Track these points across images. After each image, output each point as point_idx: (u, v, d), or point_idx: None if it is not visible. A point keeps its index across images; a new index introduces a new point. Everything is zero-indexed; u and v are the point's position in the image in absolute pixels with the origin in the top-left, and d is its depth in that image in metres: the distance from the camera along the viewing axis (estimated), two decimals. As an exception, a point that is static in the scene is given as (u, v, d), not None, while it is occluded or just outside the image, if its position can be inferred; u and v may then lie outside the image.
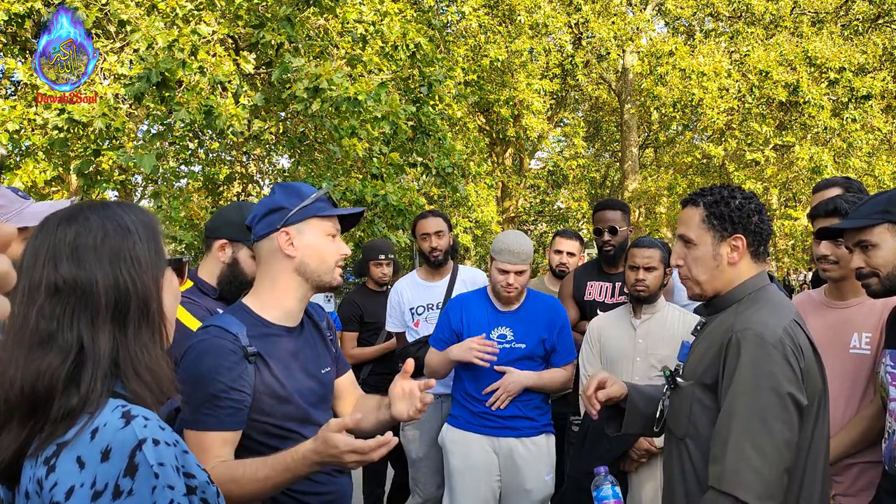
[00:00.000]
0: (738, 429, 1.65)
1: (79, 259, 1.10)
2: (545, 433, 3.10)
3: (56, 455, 1.02)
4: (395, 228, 7.84)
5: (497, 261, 3.00)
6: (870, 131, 14.60)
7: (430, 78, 8.13)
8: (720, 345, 1.75)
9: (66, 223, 1.13)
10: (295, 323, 1.83)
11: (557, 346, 3.07)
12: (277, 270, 1.79)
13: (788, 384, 1.66)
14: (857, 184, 3.02)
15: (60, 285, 1.09)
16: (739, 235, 1.84)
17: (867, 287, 2.04)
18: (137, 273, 1.13)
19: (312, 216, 1.78)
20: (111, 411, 1.05)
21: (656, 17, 17.55)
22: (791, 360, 1.68)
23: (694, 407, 1.79)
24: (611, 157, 22.77)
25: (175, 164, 7.84)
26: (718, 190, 1.90)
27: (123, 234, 1.14)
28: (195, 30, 6.04)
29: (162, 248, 1.19)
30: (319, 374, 1.86)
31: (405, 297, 3.70)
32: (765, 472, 1.62)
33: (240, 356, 1.66)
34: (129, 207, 1.19)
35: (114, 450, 1.00)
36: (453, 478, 3.07)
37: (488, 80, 13.79)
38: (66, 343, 1.07)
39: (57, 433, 1.04)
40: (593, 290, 3.56)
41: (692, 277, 1.88)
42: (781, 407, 1.65)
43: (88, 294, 1.09)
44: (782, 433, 1.64)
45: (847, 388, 2.33)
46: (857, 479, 2.28)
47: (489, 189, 15.10)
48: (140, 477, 0.99)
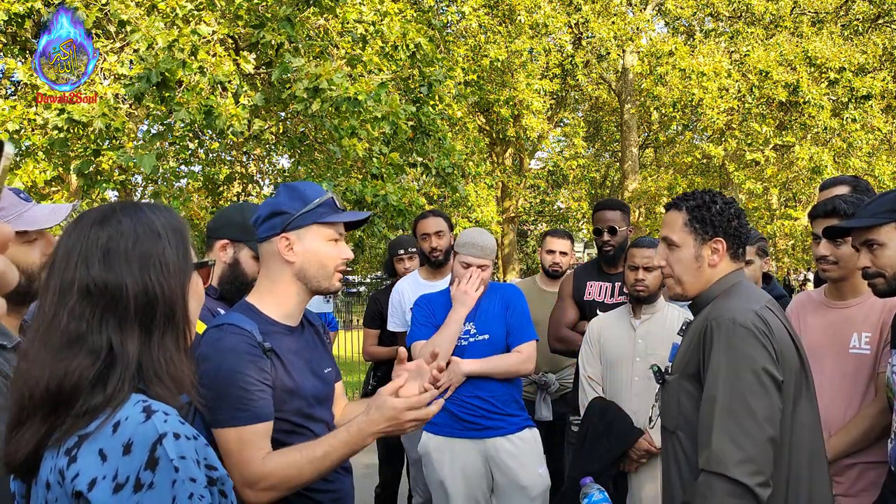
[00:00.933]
0: (721, 410, 1.73)
1: (110, 263, 1.12)
2: (528, 427, 3.05)
3: (77, 446, 1.04)
4: (395, 228, 7.84)
5: (461, 254, 2.98)
6: (870, 131, 14.60)
7: (430, 78, 8.13)
8: (699, 336, 1.85)
9: (99, 225, 1.15)
10: (295, 323, 1.85)
11: (511, 328, 3.01)
12: (277, 273, 1.80)
13: (763, 361, 1.75)
14: (865, 183, 3.02)
15: (92, 288, 1.10)
16: (720, 238, 1.94)
17: (873, 287, 2.05)
18: (165, 278, 1.15)
19: (314, 222, 1.78)
20: (132, 405, 1.07)
21: (656, 17, 17.56)
22: (763, 339, 1.76)
23: (682, 398, 1.87)
24: (611, 157, 22.77)
25: (175, 164, 7.83)
26: (700, 195, 2.00)
27: (154, 239, 1.16)
28: (195, 30, 6.04)
29: (190, 252, 1.21)
30: (323, 373, 1.88)
31: (406, 296, 3.70)
32: (750, 449, 1.69)
33: (259, 351, 1.68)
34: (159, 210, 1.21)
35: (135, 443, 1.02)
36: (446, 485, 2.99)
37: (488, 80, 13.79)
38: (96, 345, 1.09)
39: (78, 426, 1.06)
40: (593, 290, 3.55)
41: (674, 277, 1.99)
42: (759, 384, 1.74)
43: (118, 298, 1.11)
44: (762, 409, 1.72)
45: (847, 387, 2.33)
46: (858, 480, 2.28)
47: (489, 189, 15.09)
48: (160, 470, 1.01)
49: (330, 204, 1.80)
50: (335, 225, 1.82)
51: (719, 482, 1.69)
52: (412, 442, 3.58)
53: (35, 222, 1.69)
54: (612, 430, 2.90)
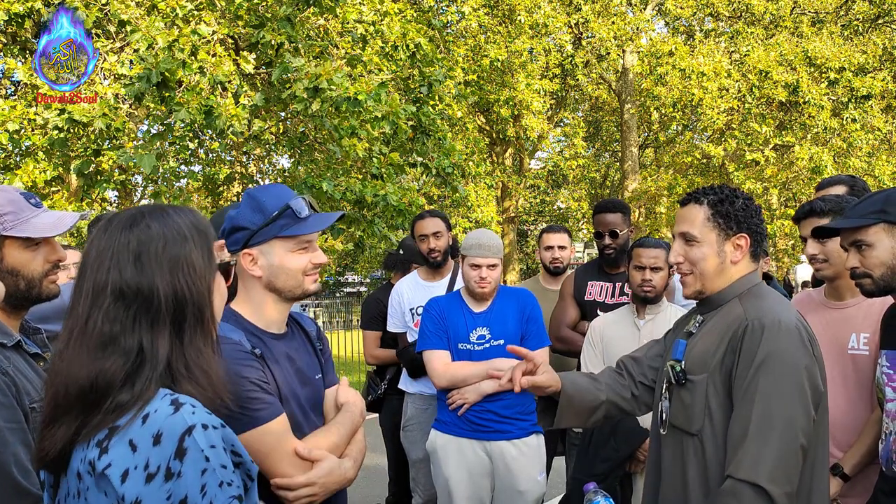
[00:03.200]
0: (759, 416, 1.65)
1: (142, 266, 1.16)
2: (535, 433, 3.08)
3: (108, 438, 1.08)
4: (395, 228, 7.84)
5: (469, 257, 3.00)
6: (870, 131, 14.61)
7: (430, 78, 8.14)
8: (731, 335, 1.76)
9: (129, 229, 1.18)
10: (279, 330, 1.82)
11: (526, 333, 3.04)
12: (249, 285, 1.79)
13: (808, 369, 1.68)
14: (862, 182, 3.02)
15: (126, 290, 1.14)
16: (744, 235, 1.86)
17: (861, 287, 2.05)
18: (193, 280, 1.19)
19: (274, 237, 1.73)
20: (161, 399, 1.11)
21: (656, 17, 17.57)
22: (808, 346, 1.70)
23: (711, 401, 1.77)
24: (611, 157, 22.78)
25: (175, 164, 7.83)
26: (721, 189, 1.91)
27: (182, 242, 1.20)
28: (195, 30, 6.04)
29: (213, 252, 1.25)
30: (312, 380, 1.86)
31: (405, 297, 3.70)
32: (782, 459, 1.63)
33: (252, 358, 1.69)
34: (184, 212, 1.25)
35: (164, 434, 1.06)
36: (450, 483, 3.03)
37: (488, 80, 13.79)
38: (129, 346, 1.13)
39: (108, 421, 1.10)
40: (594, 291, 3.55)
41: (695, 274, 1.88)
42: (801, 392, 1.66)
43: (150, 300, 1.15)
44: (800, 418, 1.65)
45: (846, 388, 2.33)
46: (858, 481, 2.28)
47: (489, 189, 15.10)
48: (189, 460, 1.05)
49: (290, 215, 1.73)
50: (298, 236, 1.76)
51: (748, 490, 1.61)
52: (413, 443, 3.59)
53: (39, 230, 1.69)
54: (619, 432, 2.89)
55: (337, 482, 1.71)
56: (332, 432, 1.78)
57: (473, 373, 2.97)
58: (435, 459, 3.10)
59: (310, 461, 1.67)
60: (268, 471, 1.63)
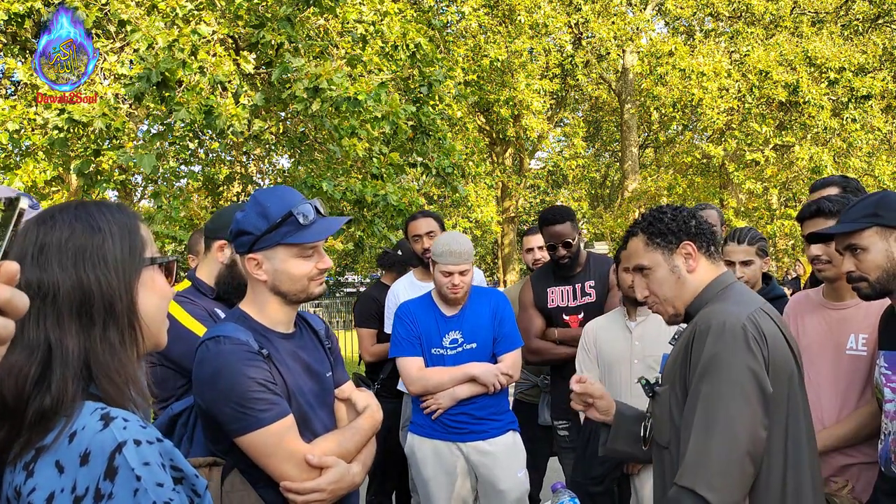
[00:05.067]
0: (699, 421, 1.62)
1: (44, 260, 1.10)
2: (511, 430, 3.07)
3: (34, 460, 1.00)
4: (395, 228, 7.84)
5: (439, 264, 2.98)
6: (870, 131, 14.62)
7: (430, 78, 8.13)
8: (686, 343, 1.74)
9: (36, 225, 1.14)
10: (287, 329, 1.84)
11: (498, 336, 3.04)
12: (255, 287, 1.81)
13: (752, 370, 1.62)
14: (855, 182, 3.02)
15: (23, 287, 1.09)
16: (686, 241, 1.85)
17: (857, 290, 2.05)
18: (103, 272, 1.11)
19: (278, 244, 1.74)
20: (89, 414, 1.03)
21: (656, 17, 17.57)
22: (753, 346, 1.64)
23: (673, 411, 1.75)
24: (611, 157, 22.78)
25: (175, 164, 7.83)
26: (648, 214, 1.93)
27: (91, 233, 1.13)
28: (195, 30, 6.04)
29: (138, 247, 1.17)
30: (322, 377, 1.88)
31: (401, 297, 3.70)
32: (723, 465, 1.58)
33: (259, 358, 1.69)
34: (106, 207, 1.18)
35: (93, 453, 0.99)
36: (428, 486, 3.04)
37: (488, 80, 13.80)
38: (32, 341, 1.06)
39: (35, 439, 1.02)
40: (555, 297, 3.52)
41: (661, 301, 1.88)
42: (743, 395, 1.61)
43: (51, 294, 1.08)
44: (744, 423, 1.60)
45: (844, 389, 2.33)
46: (857, 480, 2.28)
47: (489, 189, 15.11)
48: (119, 479, 0.97)
49: (293, 222, 1.73)
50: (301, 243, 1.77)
51: (688, 498, 1.58)
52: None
53: None
54: None
55: (345, 488, 1.73)
56: (347, 438, 1.80)
57: (446, 379, 2.98)
58: (413, 462, 3.11)
59: (319, 468, 1.68)
60: (272, 472, 1.65)
